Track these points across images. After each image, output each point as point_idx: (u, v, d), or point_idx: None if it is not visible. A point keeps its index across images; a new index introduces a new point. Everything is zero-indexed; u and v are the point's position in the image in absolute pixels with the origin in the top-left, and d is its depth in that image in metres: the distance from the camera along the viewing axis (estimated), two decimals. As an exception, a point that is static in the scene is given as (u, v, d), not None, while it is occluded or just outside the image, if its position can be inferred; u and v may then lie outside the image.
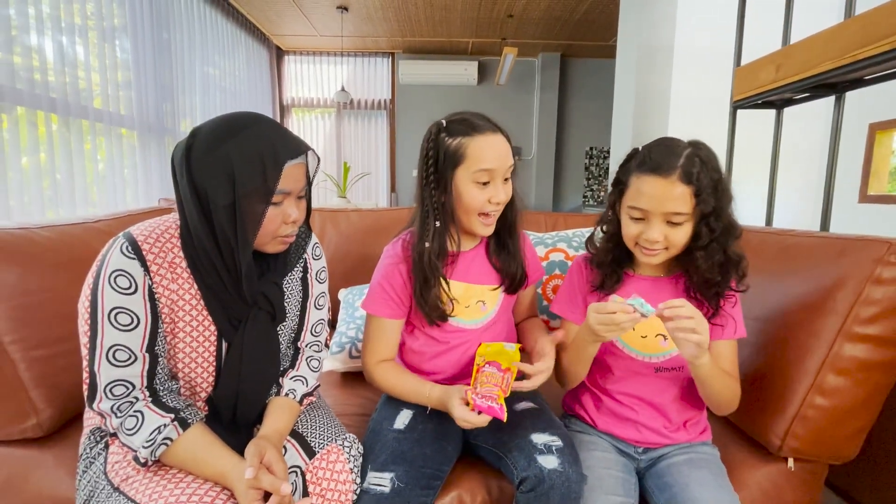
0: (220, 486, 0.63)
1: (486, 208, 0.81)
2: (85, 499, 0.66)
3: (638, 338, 0.82)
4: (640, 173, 0.75)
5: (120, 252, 0.63)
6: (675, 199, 0.71)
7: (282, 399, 0.76)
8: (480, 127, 0.80)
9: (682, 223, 0.73)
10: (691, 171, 0.71)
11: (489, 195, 0.80)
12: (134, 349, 0.64)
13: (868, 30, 1.25)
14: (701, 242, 0.74)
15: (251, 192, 0.64)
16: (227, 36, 4.17)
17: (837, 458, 0.81)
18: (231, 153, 0.63)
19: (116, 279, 0.62)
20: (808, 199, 2.90)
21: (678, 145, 0.75)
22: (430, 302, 0.83)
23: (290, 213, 0.69)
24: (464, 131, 0.80)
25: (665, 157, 0.73)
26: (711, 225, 0.73)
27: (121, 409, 0.63)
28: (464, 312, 0.89)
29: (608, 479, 0.76)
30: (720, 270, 0.75)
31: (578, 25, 4.43)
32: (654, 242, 0.75)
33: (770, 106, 1.79)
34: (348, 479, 0.70)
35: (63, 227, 1.01)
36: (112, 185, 2.78)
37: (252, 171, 0.63)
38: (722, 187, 0.74)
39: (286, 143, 0.67)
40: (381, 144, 5.56)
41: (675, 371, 0.82)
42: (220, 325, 0.70)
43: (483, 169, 0.79)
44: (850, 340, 0.74)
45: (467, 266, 0.89)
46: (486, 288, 0.91)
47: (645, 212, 0.74)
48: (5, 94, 2.11)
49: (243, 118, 0.67)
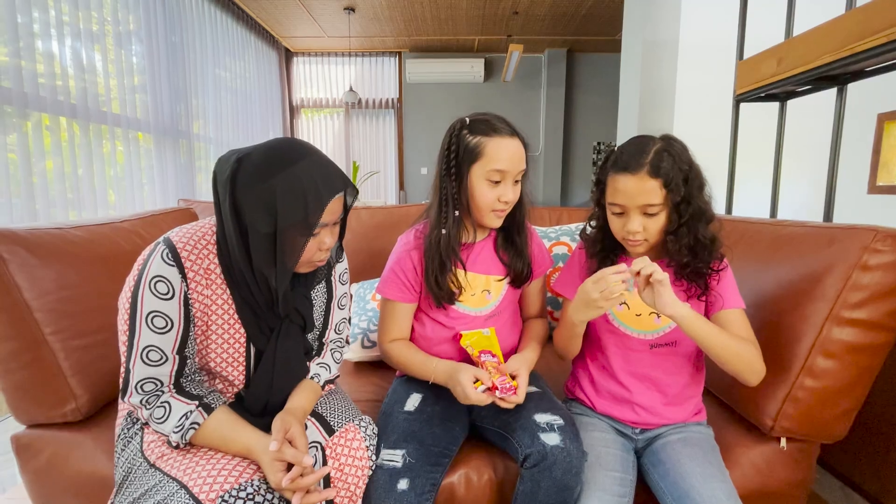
0: (248, 461, 0.69)
1: (495, 206, 0.87)
2: (123, 475, 0.72)
3: (633, 316, 0.88)
4: (613, 172, 0.81)
5: (161, 259, 0.68)
6: (647, 192, 0.78)
7: (307, 381, 0.82)
8: (500, 129, 0.86)
9: (658, 213, 0.79)
10: (659, 166, 0.77)
11: (499, 194, 0.87)
12: (166, 351, 0.69)
13: (866, 22, 1.27)
14: (670, 227, 0.80)
15: (292, 226, 0.67)
16: (238, 39, 4.25)
17: (828, 437, 0.85)
18: (276, 188, 0.66)
19: (156, 285, 0.68)
20: (820, 190, 2.89)
21: (648, 143, 0.80)
22: (442, 285, 0.90)
23: (325, 242, 0.73)
24: (484, 131, 0.86)
25: (634, 156, 0.79)
26: (681, 211, 0.79)
27: (149, 402, 0.69)
28: (469, 300, 0.95)
29: (607, 456, 0.81)
30: (689, 252, 0.81)
31: (584, 21, 4.43)
32: (635, 234, 0.81)
33: (773, 99, 1.80)
34: (364, 456, 0.75)
35: (93, 227, 1.07)
36: (130, 187, 2.87)
37: (295, 207, 0.66)
38: (692, 176, 0.79)
39: (330, 181, 0.69)
40: (388, 143, 5.62)
41: (668, 346, 0.87)
42: (250, 331, 0.75)
43: (496, 169, 0.85)
44: (839, 324, 0.78)
45: (476, 256, 0.96)
46: (493, 278, 0.96)
47: (623, 206, 0.81)
48: (29, 100, 2.20)
49: (291, 153, 0.69)
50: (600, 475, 0.78)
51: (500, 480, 0.87)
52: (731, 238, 1.06)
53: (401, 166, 5.64)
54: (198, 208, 1.54)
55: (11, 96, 2.10)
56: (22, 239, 0.87)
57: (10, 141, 2.11)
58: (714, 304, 0.83)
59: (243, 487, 0.63)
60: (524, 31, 4.70)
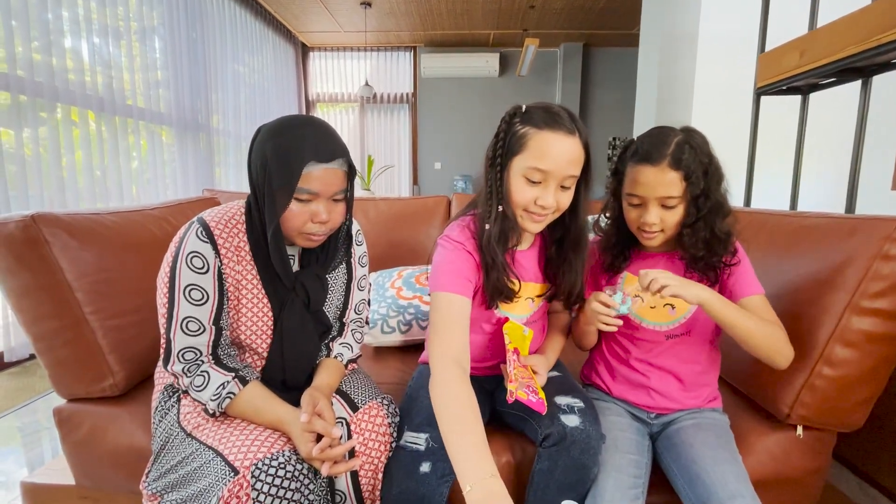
0: (278, 433, 0.72)
1: (529, 206, 0.78)
2: (161, 444, 0.77)
3: (648, 309, 0.88)
4: (633, 163, 0.81)
5: (196, 236, 0.73)
6: (666, 184, 0.77)
7: (331, 360, 0.86)
8: (554, 122, 0.76)
9: (676, 206, 0.79)
10: (680, 158, 0.76)
11: (536, 195, 0.77)
12: (203, 321, 0.74)
13: (892, 12, 1.25)
14: (688, 220, 0.80)
15: (280, 187, 0.70)
16: (256, 34, 4.32)
17: (845, 426, 0.85)
18: (269, 149, 0.71)
19: (192, 260, 0.72)
20: (842, 187, 2.84)
21: (668, 134, 0.80)
22: (496, 283, 0.81)
23: (317, 213, 0.74)
24: (535, 121, 0.76)
25: (655, 147, 0.78)
26: (699, 205, 0.79)
27: (190, 371, 0.73)
28: (516, 306, 0.88)
29: (623, 440, 0.83)
30: (705, 246, 0.81)
31: (601, 14, 4.39)
32: (651, 225, 0.81)
33: (796, 92, 1.78)
34: (387, 433, 0.78)
35: (126, 213, 1.12)
36: (153, 179, 2.95)
37: (280, 169, 0.70)
38: (712, 170, 0.79)
39: (317, 148, 0.71)
40: (403, 137, 5.65)
41: (684, 336, 0.87)
42: (273, 304, 0.79)
43: (535, 167, 0.75)
44: (858, 314, 0.78)
45: (520, 264, 0.88)
46: (537, 287, 0.90)
47: (641, 198, 0.81)
48: (60, 94, 2.28)
49: (294, 121, 0.74)
50: (616, 457, 0.79)
51: (518, 463, 0.89)
52: (752, 229, 1.06)
53: (415, 161, 5.67)
54: (221, 198, 1.59)
55: (43, 90, 2.18)
56: (63, 223, 0.92)
57: (41, 134, 2.20)
58: (727, 290, 0.83)
59: (275, 457, 0.66)
60: (540, 25, 4.68)
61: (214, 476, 0.65)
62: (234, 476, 0.64)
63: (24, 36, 2.10)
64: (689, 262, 0.84)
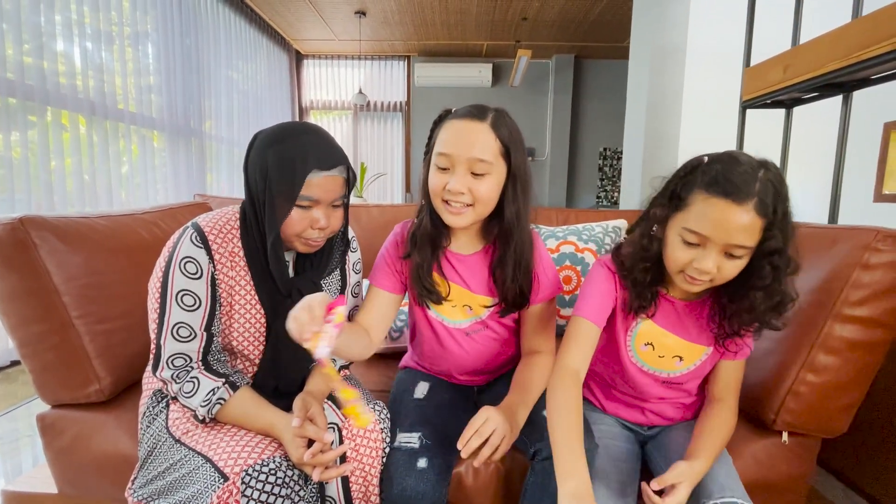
0: (269, 438, 0.72)
1: (444, 195, 0.77)
2: (148, 450, 0.76)
3: (656, 357, 0.82)
4: (709, 194, 0.64)
5: (190, 241, 0.73)
6: (745, 230, 0.63)
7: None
8: (462, 112, 0.77)
9: (741, 257, 0.65)
10: (767, 202, 0.62)
11: (445, 181, 0.76)
12: (195, 327, 0.73)
13: (872, 30, 1.29)
14: (762, 282, 0.66)
15: (280, 193, 0.71)
16: (250, 41, 4.33)
17: (828, 431, 0.86)
18: (270, 157, 0.71)
19: (186, 265, 0.72)
20: (826, 198, 2.92)
21: (752, 165, 0.64)
22: (418, 279, 0.83)
23: (317, 219, 0.74)
24: (449, 116, 0.79)
25: (741, 180, 0.63)
26: (775, 262, 0.65)
27: (179, 377, 0.73)
28: (449, 312, 0.87)
29: (614, 448, 0.83)
30: (774, 312, 0.69)
31: (592, 27, 4.48)
32: (704, 273, 0.66)
33: (780, 105, 1.83)
34: (378, 439, 0.78)
35: (117, 217, 1.11)
36: (143, 185, 2.93)
37: (282, 176, 0.70)
38: (789, 218, 0.66)
39: (319, 156, 0.71)
40: (396, 145, 5.68)
41: (680, 384, 0.85)
42: (267, 312, 0.79)
43: (440, 153, 0.76)
44: (840, 321, 0.80)
45: (464, 268, 0.86)
46: (479, 298, 0.87)
47: (704, 238, 0.65)
48: (51, 98, 2.26)
49: (294, 128, 0.74)
50: (608, 465, 0.79)
51: (508, 469, 0.89)
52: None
53: (408, 169, 5.69)
54: (213, 203, 1.58)
55: (33, 93, 2.17)
56: (52, 226, 0.91)
57: (29, 137, 2.17)
58: (735, 355, 0.79)
59: (265, 463, 0.66)
60: (532, 36, 4.75)
61: (203, 482, 0.64)
62: (224, 482, 0.63)
63: (16, 39, 2.09)
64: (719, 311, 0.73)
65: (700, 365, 0.82)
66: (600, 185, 5.59)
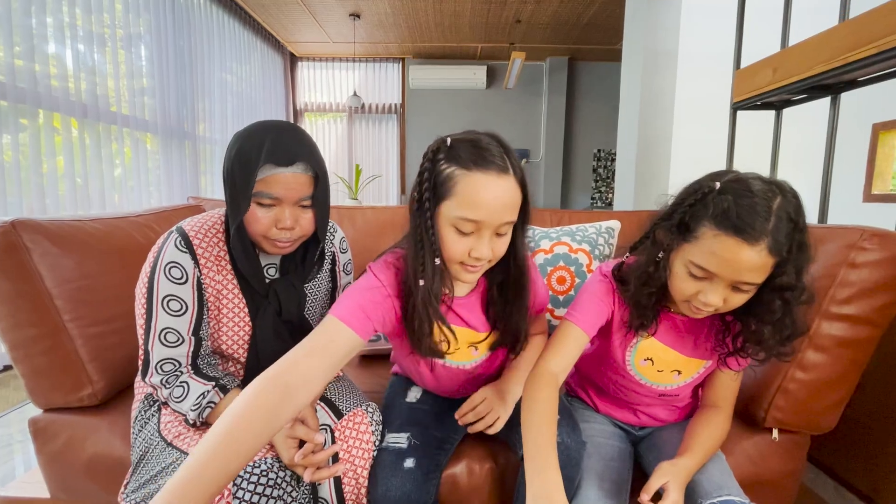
0: (261, 440, 0.72)
1: (464, 259, 0.68)
2: (140, 454, 0.75)
3: (655, 371, 0.81)
4: (718, 230, 0.60)
5: (174, 246, 0.73)
6: (755, 270, 0.59)
7: None
8: (484, 161, 0.64)
9: (749, 290, 0.63)
10: (780, 240, 0.58)
11: (469, 246, 0.66)
12: (182, 332, 0.73)
13: (859, 33, 1.31)
14: (772, 317, 0.64)
15: (238, 189, 0.70)
16: (244, 43, 4.32)
17: (818, 428, 0.88)
18: (233, 153, 0.71)
19: (171, 270, 0.72)
20: (816, 198, 2.95)
21: (766, 196, 0.59)
22: (426, 344, 0.74)
23: (281, 219, 0.72)
24: (463, 160, 0.64)
25: (754, 217, 0.58)
26: (786, 297, 0.62)
27: (168, 382, 0.73)
28: (454, 354, 0.81)
29: (606, 447, 0.84)
30: (783, 345, 0.66)
31: (586, 30, 4.51)
32: (710, 306, 0.64)
33: (769, 107, 1.85)
34: (370, 440, 0.78)
35: (110, 220, 1.11)
36: (137, 187, 2.92)
37: (239, 172, 0.70)
38: (805, 247, 0.61)
39: (273, 150, 0.69)
40: (391, 147, 5.68)
41: (676, 396, 0.85)
42: (251, 312, 0.79)
43: (465, 217, 0.64)
44: (828, 319, 0.81)
45: (460, 310, 0.80)
46: (479, 335, 0.81)
47: (710, 274, 0.62)
48: (42, 100, 2.25)
49: (262, 125, 0.73)
50: (600, 465, 0.80)
51: (502, 470, 0.89)
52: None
53: (403, 171, 5.70)
54: (207, 205, 1.58)
55: (25, 96, 2.15)
56: (44, 229, 0.91)
57: (21, 140, 2.16)
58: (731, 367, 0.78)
59: (257, 465, 0.66)
60: (526, 39, 4.78)
61: (196, 484, 0.64)
62: (216, 484, 0.63)
63: (7, 41, 2.08)
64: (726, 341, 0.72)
65: (697, 377, 0.83)
66: (595, 187, 5.62)
